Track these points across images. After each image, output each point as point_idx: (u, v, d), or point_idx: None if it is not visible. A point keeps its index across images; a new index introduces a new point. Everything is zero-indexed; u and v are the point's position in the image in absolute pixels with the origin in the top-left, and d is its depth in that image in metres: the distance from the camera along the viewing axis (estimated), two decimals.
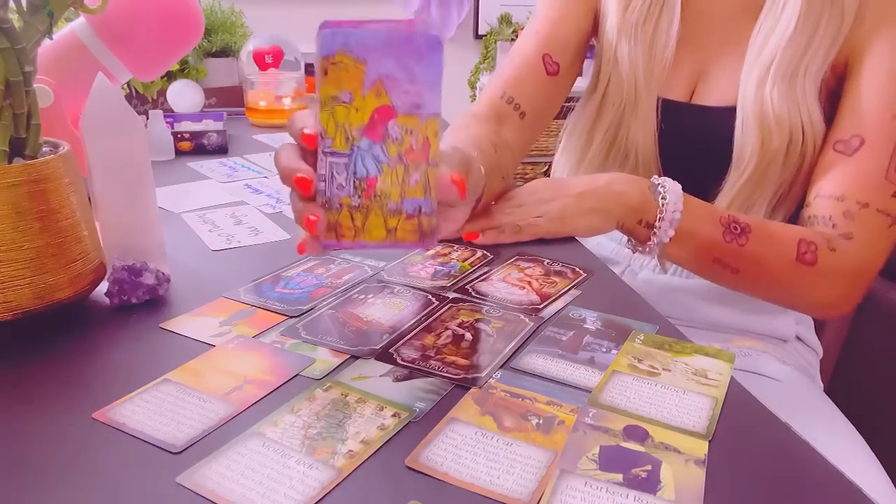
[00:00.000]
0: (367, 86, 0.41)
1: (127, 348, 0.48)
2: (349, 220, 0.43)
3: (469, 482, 0.35)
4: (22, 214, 0.46)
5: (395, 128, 0.42)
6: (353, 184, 0.42)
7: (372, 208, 0.43)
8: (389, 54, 0.40)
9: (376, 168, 0.42)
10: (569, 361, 0.46)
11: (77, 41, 0.76)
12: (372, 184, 0.42)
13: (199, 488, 0.34)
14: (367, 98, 0.41)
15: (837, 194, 0.66)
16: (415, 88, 0.41)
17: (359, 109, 0.41)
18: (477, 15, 3.03)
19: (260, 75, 1.35)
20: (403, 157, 0.42)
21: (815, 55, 0.67)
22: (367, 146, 0.42)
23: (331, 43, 0.40)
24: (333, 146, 0.42)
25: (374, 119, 0.41)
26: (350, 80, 0.41)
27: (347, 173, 0.42)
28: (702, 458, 0.37)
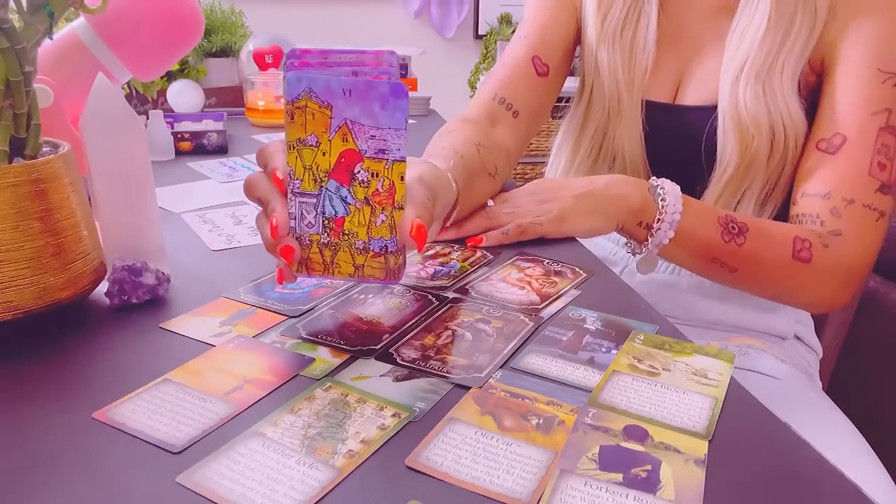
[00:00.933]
0: (333, 130, 0.42)
1: (127, 348, 0.48)
2: (319, 256, 0.45)
3: (469, 482, 0.35)
4: (22, 214, 0.46)
5: (362, 172, 0.43)
6: (321, 222, 0.44)
7: (340, 246, 0.45)
8: (354, 101, 0.42)
9: (344, 209, 0.44)
10: (569, 361, 0.46)
11: (77, 41, 0.76)
12: (340, 223, 0.44)
13: (199, 488, 0.34)
14: (334, 142, 0.43)
15: (823, 192, 0.66)
16: (380, 134, 0.42)
17: (326, 153, 0.43)
18: (477, 15, 3.03)
19: (260, 75, 1.35)
20: (370, 200, 0.44)
21: (791, 51, 0.68)
22: (335, 188, 0.44)
23: (296, 87, 0.41)
24: (302, 187, 0.44)
25: (340, 162, 0.43)
26: (316, 125, 0.42)
27: (316, 212, 0.44)
28: (702, 458, 0.37)
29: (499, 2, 2.98)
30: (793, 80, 0.69)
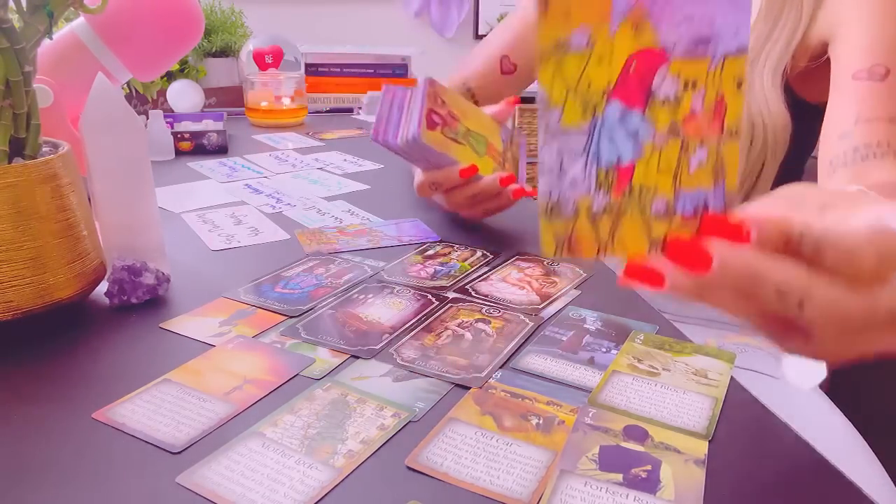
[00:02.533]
0: (619, 15, 0.27)
1: (127, 348, 0.48)
2: (589, 231, 0.29)
3: (469, 482, 0.35)
4: (22, 214, 0.46)
5: (668, 81, 0.27)
6: (594, 175, 0.29)
7: (626, 210, 0.29)
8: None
9: (633, 148, 0.28)
10: (569, 361, 0.46)
11: (77, 41, 0.76)
12: (626, 174, 0.29)
13: (199, 488, 0.34)
14: (619, 37, 0.27)
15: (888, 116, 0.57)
16: (702, 11, 0.26)
17: (604, 58, 0.27)
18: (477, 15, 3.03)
19: (260, 75, 1.35)
20: (680, 129, 0.28)
21: (776, 44, 0.68)
22: (619, 116, 0.28)
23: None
24: (563, 121, 0.28)
25: (629, 71, 0.27)
26: (588, 10, 0.27)
27: (587, 160, 0.29)
28: (702, 458, 0.37)
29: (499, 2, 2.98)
30: (775, 73, 0.68)
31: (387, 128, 0.67)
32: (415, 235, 0.70)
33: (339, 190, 0.88)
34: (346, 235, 0.70)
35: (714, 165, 0.28)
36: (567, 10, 0.26)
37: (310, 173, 0.97)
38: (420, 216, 0.77)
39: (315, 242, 0.68)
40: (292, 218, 0.76)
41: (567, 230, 0.29)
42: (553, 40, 0.27)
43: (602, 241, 0.30)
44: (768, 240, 0.27)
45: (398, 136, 0.66)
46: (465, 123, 0.69)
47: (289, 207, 0.80)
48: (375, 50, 1.71)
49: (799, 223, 0.27)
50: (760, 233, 0.27)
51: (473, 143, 0.69)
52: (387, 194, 0.87)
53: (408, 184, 0.92)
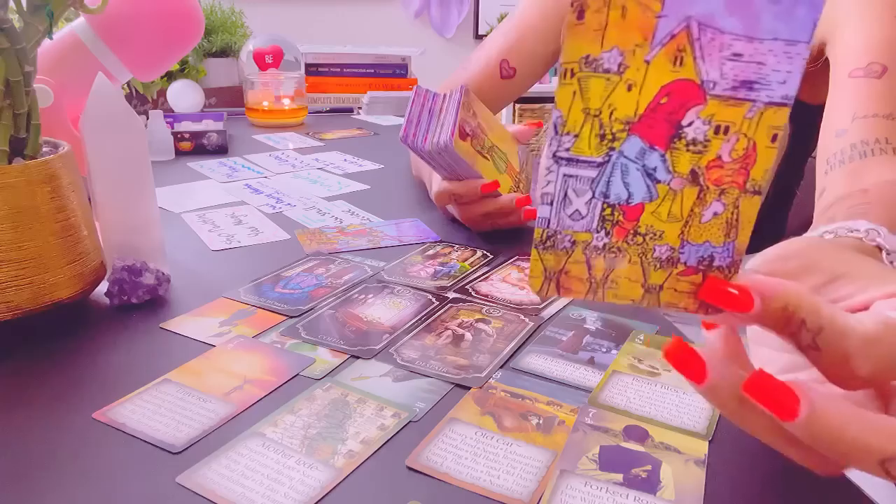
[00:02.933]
0: (660, 41, 0.23)
1: (127, 348, 0.48)
2: (583, 270, 0.27)
3: (469, 482, 0.35)
4: (22, 214, 0.46)
5: (699, 123, 0.25)
6: (598, 212, 0.26)
7: (626, 253, 0.27)
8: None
9: (647, 190, 0.26)
10: (569, 361, 0.46)
11: (77, 41, 0.76)
12: (634, 215, 0.26)
13: (199, 488, 0.34)
14: (655, 64, 0.24)
15: (884, 113, 0.56)
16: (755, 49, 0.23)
17: (634, 86, 0.24)
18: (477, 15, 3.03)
19: (260, 75, 1.35)
20: (701, 176, 0.26)
21: None
22: (638, 152, 0.25)
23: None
24: (575, 148, 0.25)
25: (658, 105, 0.24)
26: (626, 30, 0.23)
27: (593, 194, 0.26)
28: (702, 458, 0.37)
29: (499, 2, 2.98)
30: None
31: (416, 131, 0.67)
32: (415, 235, 0.70)
33: (340, 190, 0.88)
34: (346, 235, 0.70)
35: (728, 219, 0.26)
36: (603, 25, 0.23)
37: (310, 173, 0.97)
38: (420, 216, 0.77)
39: (315, 242, 0.68)
40: (292, 218, 0.76)
41: (559, 265, 0.27)
42: (581, 56, 0.24)
43: (595, 283, 0.28)
44: (770, 313, 0.26)
45: (427, 141, 0.66)
46: (490, 138, 0.70)
47: (289, 207, 0.80)
48: (375, 50, 1.71)
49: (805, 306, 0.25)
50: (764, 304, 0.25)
51: (496, 159, 0.71)
52: (387, 194, 0.87)
53: (408, 184, 0.92)
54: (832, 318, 0.25)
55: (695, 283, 0.27)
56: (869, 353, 0.25)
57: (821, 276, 0.30)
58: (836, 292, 0.29)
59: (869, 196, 0.46)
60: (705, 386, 0.27)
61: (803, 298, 0.25)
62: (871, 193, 0.47)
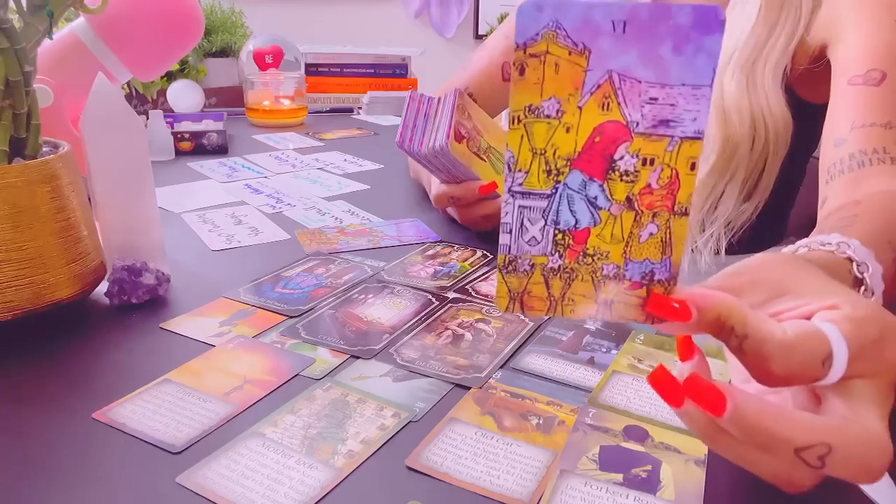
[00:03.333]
0: (589, 90, 0.28)
1: (127, 348, 0.48)
2: (542, 288, 0.31)
3: (469, 482, 0.35)
4: (22, 214, 0.46)
5: (627, 157, 0.29)
6: (551, 237, 0.30)
7: (578, 273, 0.31)
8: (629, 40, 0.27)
9: (591, 216, 0.30)
10: (569, 361, 0.46)
11: (77, 41, 0.76)
12: (582, 238, 0.30)
13: (199, 488, 0.34)
14: (587, 109, 0.28)
15: (882, 122, 0.56)
16: (667, 94, 0.28)
17: (571, 128, 0.28)
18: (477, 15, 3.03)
19: (260, 75, 1.35)
20: (635, 201, 0.29)
21: (776, 44, 0.68)
22: (580, 184, 0.29)
23: (532, 22, 0.27)
24: (527, 183, 0.29)
25: (593, 143, 0.29)
26: (560, 82, 0.28)
27: (545, 222, 0.30)
28: (702, 458, 0.37)
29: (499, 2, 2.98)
30: (776, 73, 0.69)
31: (412, 135, 0.68)
32: (415, 235, 0.70)
33: (339, 190, 0.88)
34: (346, 235, 0.70)
35: (663, 238, 0.30)
36: (540, 79, 0.27)
37: (310, 173, 0.97)
38: (420, 216, 0.77)
39: (315, 242, 0.68)
40: (292, 218, 0.76)
41: (521, 286, 0.31)
42: (524, 105, 0.28)
43: (554, 300, 0.31)
44: (705, 322, 0.29)
45: (423, 145, 0.67)
46: (486, 139, 0.70)
47: (289, 207, 0.80)
48: (375, 50, 1.71)
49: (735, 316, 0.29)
50: (700, 314, 0.29)
51: (493, 160, 0.71)
52: (387, 194, 0.87)
53: (408, 184, 0.92)
54: (756, 326, 0.29)
55: (641, 297, 0.31)
56: (784, 357, 0.28)
57: (767, 291, 0.33)
58: (782, 305, 0.32)
59: (860, 207, 0.47)
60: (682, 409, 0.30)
61: (733, 309, 0.29)
62: (863, 205, 0.48)
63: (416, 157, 0.69)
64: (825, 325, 0.29)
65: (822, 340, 0.29)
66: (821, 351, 0.29)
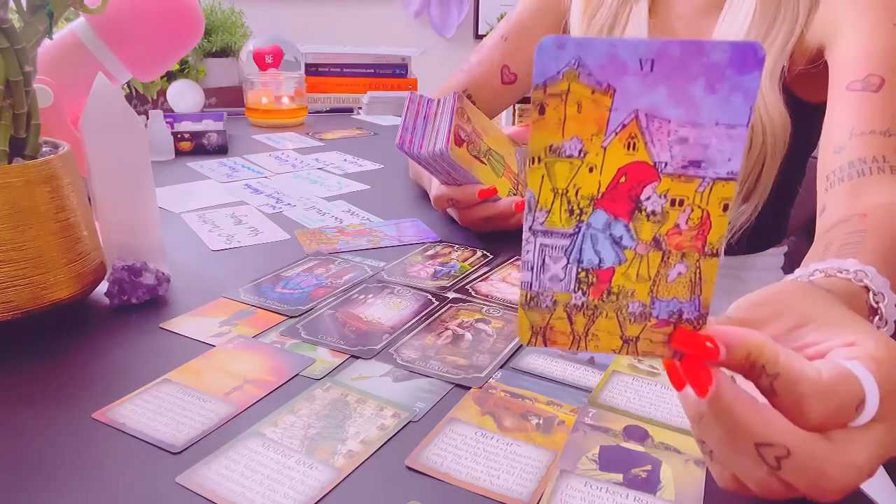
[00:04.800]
0: (613, 130, 0.27)
1: (127, 348, 0.48)
2: (566, 324, 0.30)
3: (469, 482, 0.35)
4: (22, 214, 0.46)
5: (654, 197, 0.28)
6: (574, 275, 0.29)
7: (603, 310, 0.30)
8: (657, 78, 0.26)
9: (615, 255, 0.29)
10: (569, 361, 0.46)
11: (77, 41, 0.76)
12: (606, 277, 0.29)
13: (199, 488, 0.34)
14: (611, 150, 0.27)
15: (882, 129, 0.56)
16: (699, 133, 0.26)
17: (594, 168, 0.27)
18: (477, 15, 3.03)
19: (260, 75, 1.35)
20: (663, 241, 0.28)
21: (772, 46, 0.68)
22: (604, 224, 0.28)
23: (553, 60, 0.26)
24: (549, 222, 0.29)
25: (618, 183, 0.28)
26: (583, 122, 0.27)
27: (567, 261, 0.29)
28: (702, 458, 0.37)
29: (499, 2, 2.98)
30: (772, 74, 0.69)
31: (412, 137, 0.68)
32: (415, 235, 0.70)
33: (339, 190, 0.88)
34: (346, 235, 0.70)
35: (692, 279, 0.29)
36: (561, 119, 0.26)
37: (310, 173, 0.97)
38: (420, 216, 0.77)
39: (315, 242, 0.68)
40: (292, 218, 0.76)
41: (544, 321, 0.30)
42: (545, 145, 0.27)
43: (577, 336, 0.31)
44: (733, 360, 0.28)
45: (423, 147, 0.67)
46: (486, 141, 0.70)
47: (289, 207, 0.80)
48: (375, 50, 1.71)
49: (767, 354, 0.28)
50: (728, 351, 0.28)
51: (493, 163, 0.71)
52: (387, 194, 0.87)
53: (408, 184, 0.92)
54: (788, 365, 0.28)
55: (667, 334, 0.30)
56: (821, 400, 0.27)
57: (789, 322, 0.32)
58: (804, 338, 0.32)
59: (867, 222, 0.47)
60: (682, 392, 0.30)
61: (765, 348, 0.28)
62: (869, 219, 0.48)
63: (417, 159, 0.69)
64: (857, 366, 0.29)
65: (857, 384, 0.28)
66: (857, 395, 0.28)
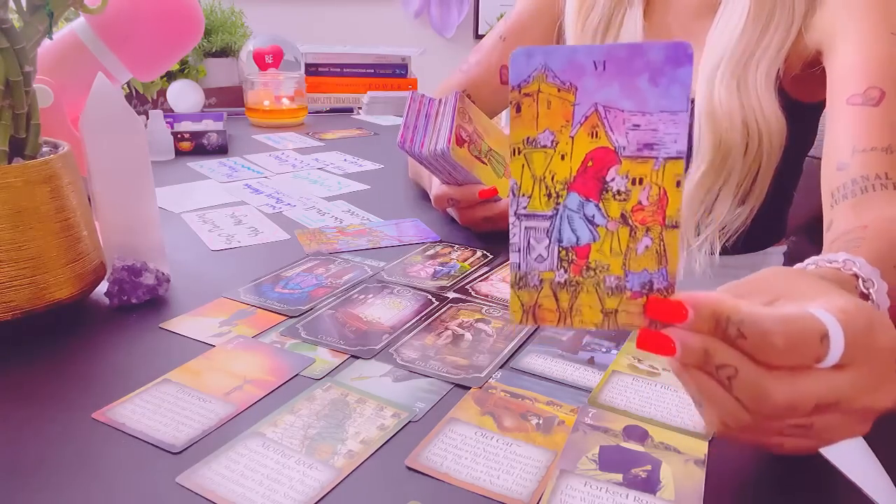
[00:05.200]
0: (578, 121, 0.31)
1: (127, 348, 0.48)
2: (552, 301, 0.34)
3: (469, 482, 0.35)
4: (22, 214, 0.46)
5: (618, 178, 0.32)
6: (556, 254, 0.33)
7: (583, 286, 0.33)
8: (610, 76, 0.30)
9: (590, 233, 0.33)
10: (568, 361, 0.46)
11: (77, 41, 0.76)
12: (584, 253, 0.33)
13: (199, 488, 0.34)
14: (578, 139, 0.32)
15: (883, 145, 0.57)
16: (648, 121, 0.31)
17: (566, 156, 0.32)
18: (477, 15, 3.03)
19: (260, 75, 1.35)
20: (629, 218, 0.32)
21: (767, 49, 0.68)
22: (578, 204, 0.32)
23: (525, 66, 0.31)
24: (530, 206, 0.33)
25: (586, 168, 0.32)
26: (553, 116, 0.31)
27: (549, 241, 0.33)
28: (702, 458, 0.37)
29: (499, 2, 2.98)
30: (768, 77, 0.69)
31: (413, 137, 0.68)
32: (415, 235, 0.70)
33: (339, 190, 0.88)
34: (346, 235, 0.70)
35: (658, 250, 0.33)
36: (533, 113, 0.31)
37: (310, 173, 0.97)
38: (420, 216, 0.77)
39: (315, 242, 0.68)
40: (292, 218, 0.76)
41: (532, 300, 0.34)
42: (522, 138, 0.32)
43: (563, 312, 0.34)
44: (702, 319, 0.31)
45: (424, 147, 0.67)
46: (487, 142, 0.70)
47: (289, 207, 0.80)
48: (375, 50, 1.70)
49: (728, 307, 0.30)
50: (695, 312, 0.31)
51: (494, 163, 0.71)
52: (387, 194, 0.87)
53: (408, 184, 0.92)
54: (751, 310, 0.30)
55: (642, 305, 0.33)
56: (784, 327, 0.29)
57: (766, 296, 0.34)
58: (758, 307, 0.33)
59: (866, 232, 0.49)
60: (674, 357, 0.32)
61: (725, 302, 0.30)
62: (869, 229, 0.49)
63: (418, 159, 0.69)
64: (818, 310, 0.31)
65: (818, 321, 0.30)
66: (817, 327, 0.30)
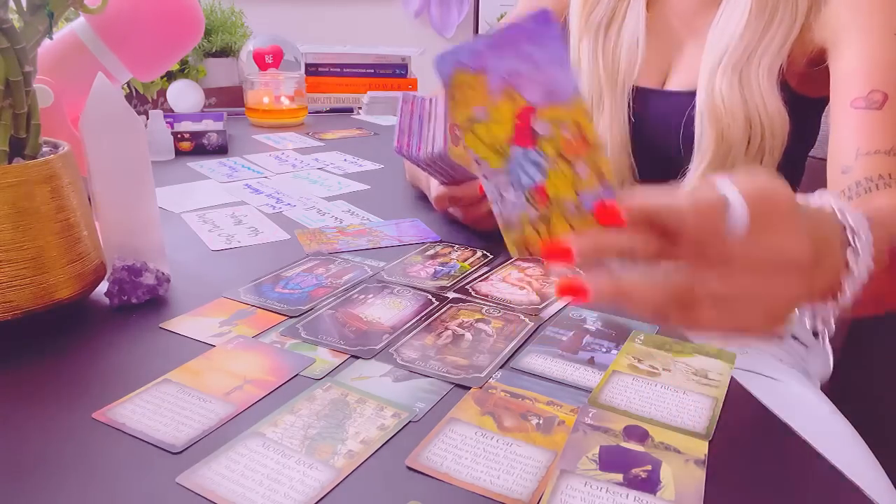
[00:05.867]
0: (496, 93, 0.38)
1: (127, 348, 0.48)
2: (534, 234, 0.40)
3: (469, 482, 0.35)
4: (22, 214, 0.46)
5: (541, 124, 0.38)
6: (523, 197, 0.40)
7: (552, 216, 0.40)
8: (503, 51, 0.37)
9: (539, 173, 0.39)
10: (569, 361, 0.46)
11: (77, 41, 0.76)
12: (542, 191, 0.39)
13: (199, 488, 0.34)
14: (502, 105, 0.38)
15: (886, 148, 0.58)
16: (543, 75, 0.37)
17: (499, 121, 0.38)
18: (477, 15, 3.03)
19: (260, 75, 1.35)
20: (563, 153, 0.38)
21: (770, 44, 0.68)
22: (522, 154, 0.39)
23: (444, 66, 0.38)
24: (492, 166, 0.40)
25: (517, 125, 0.38)
26: (477, 95, 0.38)
27: (514, 188, 0.40)
28: (702, 458, 0.37)
29: (499, 2, 2.98)
30: (770, 72, 0.69)
31: (409, 140, 0.68)
32: (415, 235, 0.70)
33: (339, 190, 0.88)
34: (346, 235, 0.70)
35: (595, 171, 0.38)
36: (464, 97, 0.38)
37: (310, 173, 0.97)
38: (420, 216, 0.77)
39: (315, 242, 0.68)
40: (292, 218, 0.76)
41: (520, 237, 0.40)
42: (465, 117, 0.38)
43: (545, 241, 0.40)
44: (635, 219, 0.35)
45: (420, 150, 0.67)
46: None
47: (289, 207, 0.80)
48: (375, 50, 1.70)
49: (653, 203, 0.34)
50: (629, 214, 0.35)
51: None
52: (387, 194, 0.87)
53: (408, 184, 0.92)
54: (671, 200, 0.34)
55: None
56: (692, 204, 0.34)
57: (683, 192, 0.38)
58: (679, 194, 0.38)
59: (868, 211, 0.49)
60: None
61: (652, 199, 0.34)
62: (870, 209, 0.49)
63: (415, 162, 0.69)
64: (721, 181, 0.35)
65: (717, 190, 0.34)
66: (718, 196, 0.34)
